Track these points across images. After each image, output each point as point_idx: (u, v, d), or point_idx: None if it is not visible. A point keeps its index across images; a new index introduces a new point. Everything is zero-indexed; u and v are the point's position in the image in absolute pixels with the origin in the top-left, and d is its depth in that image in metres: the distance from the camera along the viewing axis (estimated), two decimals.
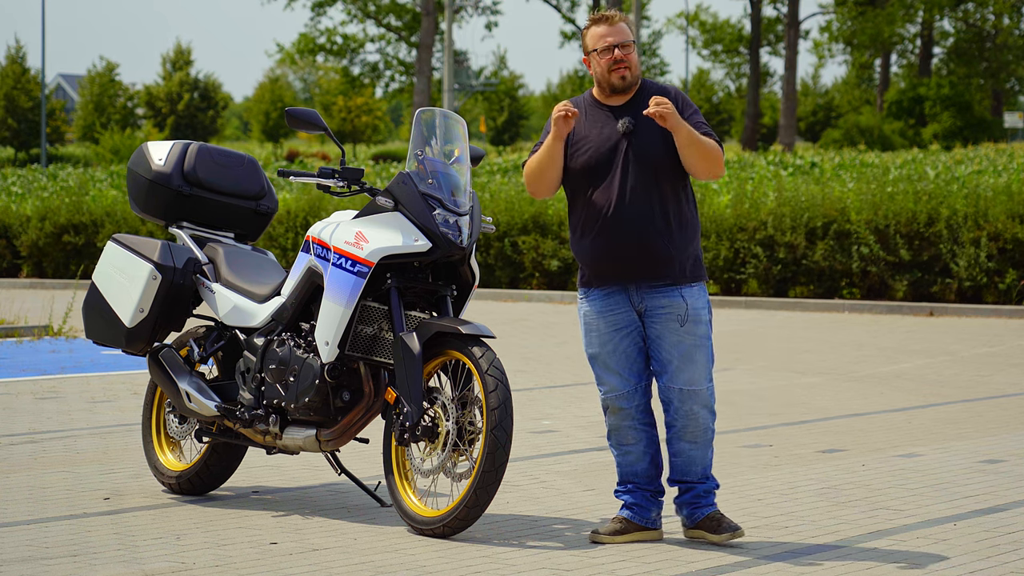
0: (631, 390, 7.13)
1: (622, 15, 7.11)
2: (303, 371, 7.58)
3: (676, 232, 7.00)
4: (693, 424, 7.08)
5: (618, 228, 6.98)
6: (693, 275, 7.05)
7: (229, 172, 8.52)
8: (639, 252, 6.97)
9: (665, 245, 6.97)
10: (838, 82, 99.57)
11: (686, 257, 7.03)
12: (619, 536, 7.12)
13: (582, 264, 7.13)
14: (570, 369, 14.06)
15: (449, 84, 56.43)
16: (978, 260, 19.08)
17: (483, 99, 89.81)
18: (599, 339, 7.12)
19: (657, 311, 7.03)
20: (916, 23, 75.93)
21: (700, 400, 7.06)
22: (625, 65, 7.02)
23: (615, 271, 7.03)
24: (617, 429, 7.18)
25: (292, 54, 73.17)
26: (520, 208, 22.18)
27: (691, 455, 7.12)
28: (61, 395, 12.16)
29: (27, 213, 25.39)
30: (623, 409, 7.14)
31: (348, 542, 7.13)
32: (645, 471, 7.19)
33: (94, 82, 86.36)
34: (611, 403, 7.15)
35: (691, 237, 7.06)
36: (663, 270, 6.99)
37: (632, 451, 7.18)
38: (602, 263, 7.04)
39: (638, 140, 7.00)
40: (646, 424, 7.18)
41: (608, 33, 7.04)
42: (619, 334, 7.09)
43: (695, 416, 7.07)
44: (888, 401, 11.96)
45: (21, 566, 6.67)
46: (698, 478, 7.13)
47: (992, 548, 7.01)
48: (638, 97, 7.08)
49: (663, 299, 7.02)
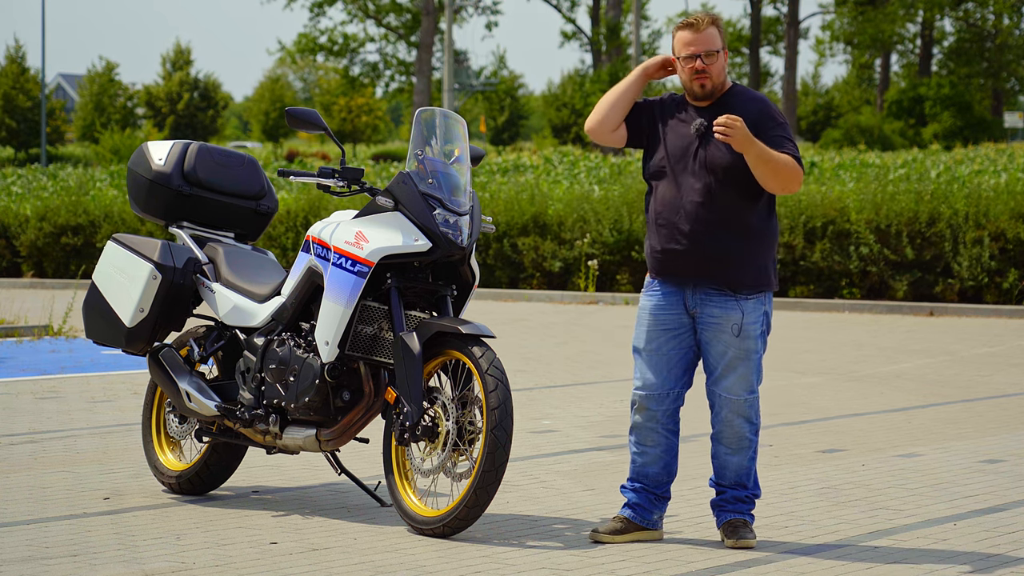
0: (663, 393, 7.11)
1: (711, 19, 7.04)
2: (303, 371, 7.58)
3: (736, 239, 6.96)
4: (729, 430, 7.08)
5: (678, 227, 6.97)
6: (753, 285, 7.00)
7: (229, 172, 8.52)
8: (694, 254, 6.96)
9: (722, 251, 6.95)
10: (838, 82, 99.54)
11: (746, 266, 6.98)
12: (619, 536, 7.12)
13: (649, 258, 7.13)
14: (570, 369, 14.06)
15: (449, 84, 56.43)
16: (980, 260, 19.08)
17: (483, 99, 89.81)
18: (646, 335, 7.11)
19: (709, 319, 7.02)
20: (916, 23, 75.93)
21: (737, 409, 7.05)
22: (706, 75, 7.01)
23: (669, 268, 7.03)
24: (640, 428, 7.16)
25: (293, 53, 73.17)
26: (520, 208, 22.18)
27: (726, 459, 7.12)
28: (61, 395, 12.16)
29: (27, 213, 25.38)
30: (650, 410, 7.12)
31: (348, 542, 7.13)
32: (656, 475, 7.18)
33: (94, 82, 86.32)
34: (640, 401, 7.13)
35: (756, 247, 6.99)
36: (717, 275, 6.97)
37: (649, 453, 7.16)
38: (659, 258, 7.04)
39: (709, 143, 6.99)
40: (669, 431, 7.16)
41: (692, 41, 7.01)
42: (666, 335, 7.08)
43: (731, 423, 7.07)
44: (888, 401, 11.96)
45: (21, 566, 6.67)
46: (730, 483, 7.12)
47: (992, 548, 7.01)
48: (723, 100, 7.05)
49: (716, 308, 7.00)
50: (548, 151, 53.14)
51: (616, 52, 66.86)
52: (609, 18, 67.79)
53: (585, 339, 16.72)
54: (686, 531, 7.39)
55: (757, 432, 7.11)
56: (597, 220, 21.48)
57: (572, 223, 21.68)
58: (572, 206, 22.05)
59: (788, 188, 6.97)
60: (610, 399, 12.04)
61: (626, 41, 66.22)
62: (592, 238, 21.41)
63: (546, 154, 48.48)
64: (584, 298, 21.31)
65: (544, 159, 43.47)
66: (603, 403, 11.81)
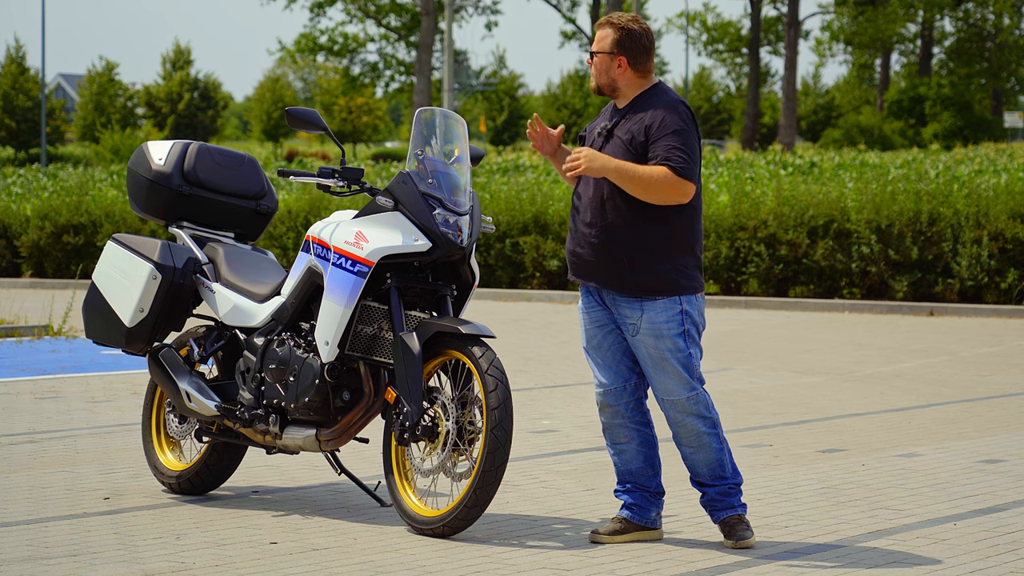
0: (619, 387, 7.15)
1: (608, 21, 7.16)
2: (303, 371, 7.58)
3: (637, 243, 6.98)
4: (683, 430, 7.09)
5: (581, 230, 7.09)
6: (655, 289, 7.00)
7: (229, 172, 8.51)
8: (592, 258, 7.06)
9: (621, 255, 6.99)
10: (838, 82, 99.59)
11: (644, 271, 6.99)
12: (619, 536, 7.13)
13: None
14: (570, 369, 14.06)
15: (449, 84, 56.44)
16: (980, 260, 19.07)
17: (483, 99, 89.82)
18: (585, 334, 7.22)
19: (621, 319, 7.10)
20: (916, 23, 75.96)
21: (681, 409, 7.05)
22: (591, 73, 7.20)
23: (577, 271, 7.16)
24: (609, 427, 7.20)
25: (293, 53, 73.19)
26: (520, 208, 22.18)
27: (692, 459, 7.13)
28: (61, 395, 12.16)
29: (27, 213, 25.38)
30: (612, 407, 7.16)
31: (348, 542, 7.13)
32: (640, 470, 7.19)
33: (94, 82, 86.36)
34: (601, 399, 7.20)
35: (659, 251, 6.99)
36: (618, 280, 7.02)
37: (626, 449, 7.19)
38: (570, 260, 7.18)
39: (606, 149, 7.07)
40: (638, 423, 7.18)
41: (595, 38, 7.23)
42: (601, 331, 7.15)
43: (681, 423, 7.08)
44: (888, 401, 11.96)
45: (21, 566, 6.67)
46: (707, 480, 7.13)
47: (992, 548, 7.01)
48: (636, 102, 7.11)
49: (625, 308, 7.06)
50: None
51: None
52: None
53: None
54: (686, 531, 7.39)
55: (715, 425, 7.09)
56: None
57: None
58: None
59: (665, 200, 6.93)
60: None
61: None
62: None
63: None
64: None
65: (544, 159, 43.48)
66: None
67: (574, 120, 77.25)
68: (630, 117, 7.07)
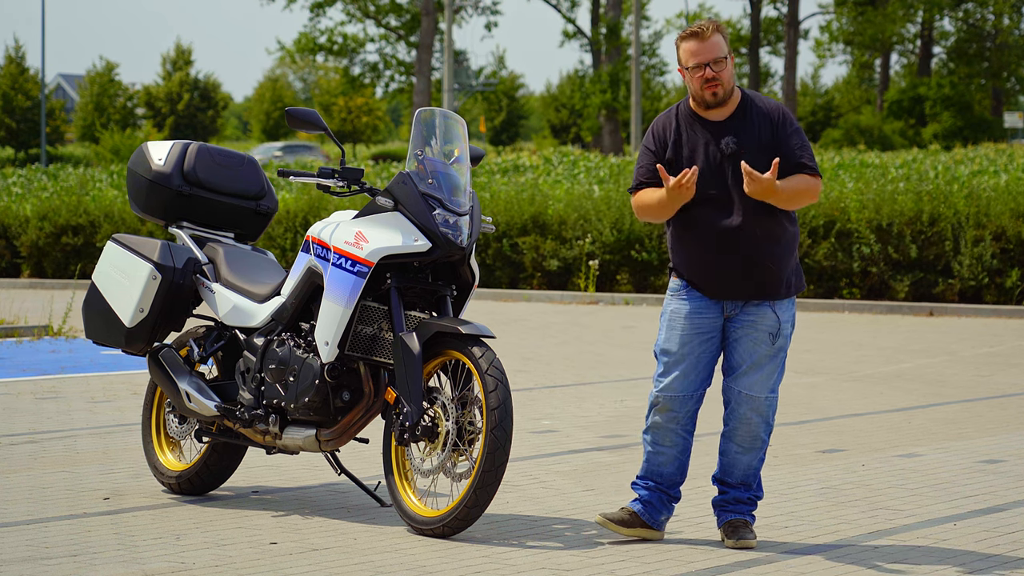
0: (688, 395, 7.10)
1: (715, 25, 7.01)
2: (303, 371, 7.58)
3: (778, 250, 7.00)
4: (744, 428, 7.08)
5: (722, 247, 6.97)
6: (790, 290, 7.08)
7: (229, 172, 8.51)
8: (744, 273, 6.98)
9: (769, 266, 6.98)
10: (838, 82, 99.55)
11: (787, 274, 7.04)
12: (623, 527, 7.11)
13: (685, 273, 7.09)
14: (570, 369, 14.06)
15: (449, 84, 56.43)
16: (981, 260, 19.07)
17: (483, 99, 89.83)
18: (680, 339, 7.08)
19: (743, 320, 7.04)
20: (916, 23, 75.93)
21: (756, 407, 7.06)
22: (717, 83, 6.98)
23: (718, 288, 7.02)
24: (659, 428, 7.14)
25: (292, 53, 73.16)
26: (520, 208, 22.18)
27: (736, 458, 7.12)
28: (61, 395, 12.16)
29: (27, 213, 25.38)
30: (673, 411, 7.11)
31: (348, 542, 7.13)
32: (671, 475, 7.18)
33: (94, 82, 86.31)
34: (664, 402, 7.11)
35: (791, 252, 7.07)
36: (766, 290, 7.01)
37: (666, 453, 7.16)
38: (705, 278, 7.03)
39: (739, 161, 6.96)
40: (687, 431, 7.16)
41: (699, 50, 6.97)
42: (700, 338, 7.08)
43: (748, 421, 7.07)
44: (888, 401, 11.96)
45: (21, 566, 6.67)
46: (735, 483, 7.13)
47: (992, 548, 7.02)
48: (739, 113, 7.03)
49: (753, 310, 7.03)
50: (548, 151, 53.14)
51: (616, 52, 66.86)
52: (609, 18, 67.80)
53: (585, 339, 16.72)
54: (686, 531, 7.39)
55: (770, 433, 7.13)
56: (598, 219, 21.48)
57: (572, 223, 21.68)
58: (572, 205, 22.05)
59: (810, 203, 7.13)
60: (610, 399, 12.04)
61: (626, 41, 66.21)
62: (592, 237, 21.41)
63: (546, 154, 48.46)
64: (584, 298, 21.31)
65: (544, 159, 43.47)
66: (603, 403, 11.81)
67: (573, 120, 77.17)
68: (746, 124, 6.98)
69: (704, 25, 7.01)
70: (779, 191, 6.86)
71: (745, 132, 6.99)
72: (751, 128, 6.99)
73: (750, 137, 6.98)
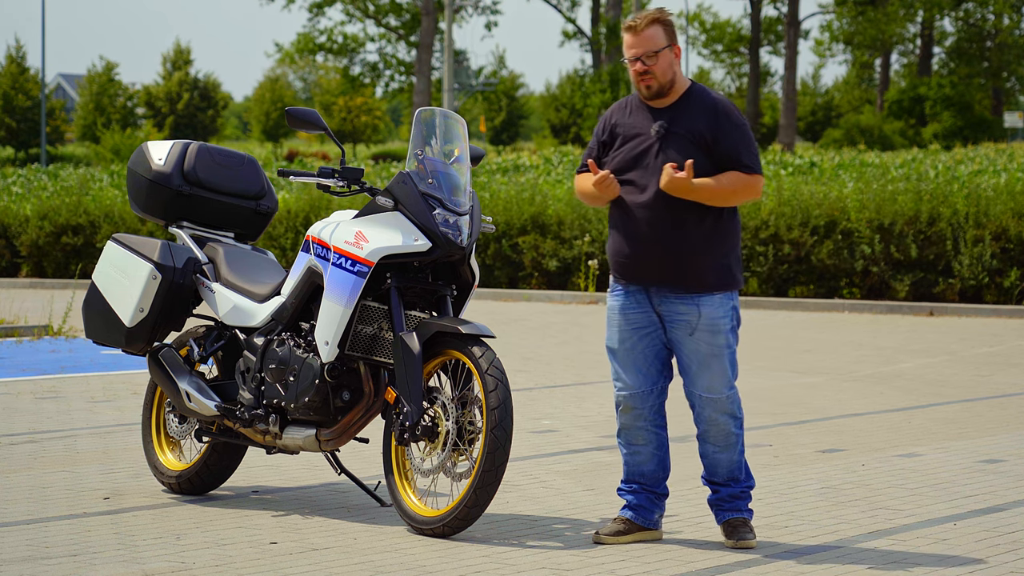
0: (646, 391, 7.12)
1: (652, 17, 7.01)
2: (303, 371, 7.58)
3: (700, 240, 6.97)
4: (715, 429, 7.08)
5: (640, 230, 6.99)
6: (716, 285, 7.01)
7: (229, 172, 8.51)
8: (658, 257, 6.98)
9: (685, 253, 6.95)
10: (838, 82, 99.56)
11: (708, 267, 6.99)
12: (622, 537, 7.12)
13: (610, 259, 7.16)
14: (570, 369, 14.06)
15: (449, 84, 56.44)
16: (981, 259, 19.07)
17: (483, 99, 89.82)
18: (618, 335, 7.13)
19: (674, 316, 7.03)
20: (916, 23, 75.94)
21: (719, 407, 7.05)
22: (651, 75, 7.00)
23: (633, 272, 7.05)
24: (628, 428, 7.17)
25: (291, 54, 73.16)
26: (520, 208, 22.18)
27: (716, 458, 7.12)
28: (61, 395, 12.16)
29: (27, 213, 25.38)
30: (635, 409, 7.13)
31: (348, 542, 7.13)
32: (652, 472, 7.18)
33: (94, 82, 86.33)
34: (624, 401, 7.14)
35: (718, 247, 7.01)
36: (680, 278, 6.98)
37: (641, 451, 7.17)
38: (623, 262, 7.07)
39: (669, 145, 6.99)
40: (657, 426, 7.17)
41: (632, 43, 7.01)
42: (637, 333, 7.09)
43: (716, 422, 7.07)
44: (888, 401, 11.96)
45: (21, 566, 6.67)
46: (723, 480, 7.13)
47: (992, 548, 7.01)
48: (681, 102, 7.05)
49: (680, 306, 7.02)
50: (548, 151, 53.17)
51: (616, 52, 66.86)
52: (609, 18, 67.81)
53: (585, 339, 16.72)
54: (686, 531, 7.39)
55: (742, 426, 7.13)
56: (597, 219, 21.48)
57: (572, 222, 21.68)
58: (572, 205, 22.05)
59: (745, 201, 7.06)
60: (610, 399, 12.03)
61: None
62: (592, 237, 21.40)
63: (546, 154, 48.50)
64: (584, 298, 21.31)
65: (544, 159, 43.50)
66: (603, 403, 11.81)
67: (573, 120, 77.15)
68: (684, 112, 7.00)
69: (639, 18, 7.04)
70: (696, 189, 6.88)
71: (680, 120, 7.00)
72: (687, 117, 7.01)
73: (683, 125, 6.99)
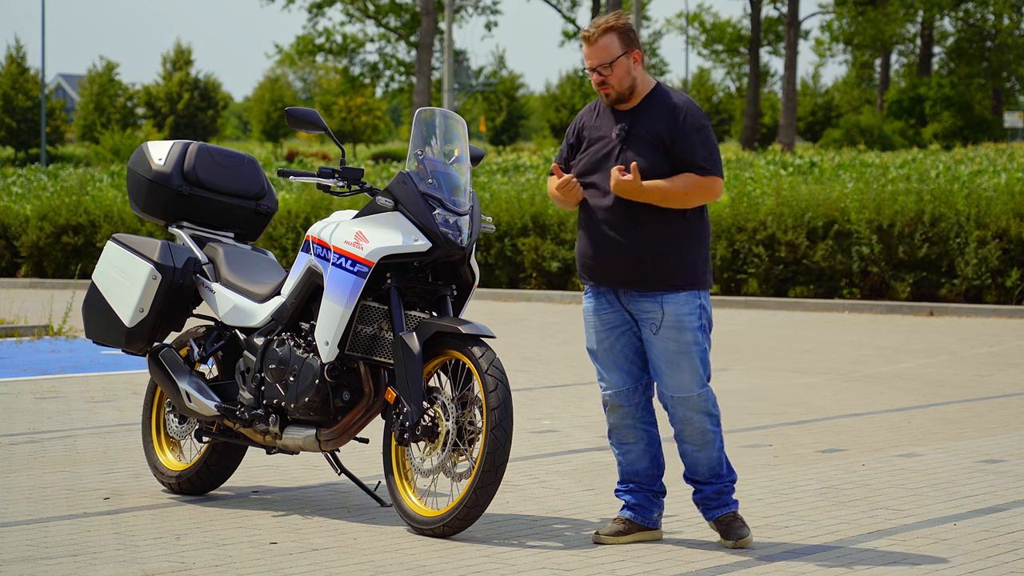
0: (630, 388, 7.14)
1: (606, 26, 7.02)
2: (303, 371, 7.58)
3: (662, 241, 6.97)
4: (690, 428, 7.08)
5: (603, 232, 7.03)
6: (680, 284, 7.01)
7: (229, 172, 8.51)
8: (620, 257, 7.01)
9: (646, 252, 6.97)
10: (838, 82, 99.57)
11: (671, 267, 6.99)
12: (622, 537, 7.12)
13: (577, 260, 7.20)
14: (570, 369, 14.06)
15: (449, 84, 56.44)
16: (986, 261, 19.06)
17: (483, 99, 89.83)
18: (595, 336, 7.17)
19: (642, 315, 7.06)
20: (916, 23, 75.94)
21: (691, 406, 7.05)
22: (607, 85, 7.05)
23: (599, 273, 7.09)
24: (617, 428, 7.19)
25: (291, 55, 73.16)
26: (520, 208, 22.18)
27: (694, 456, 7.13)
28: (61, 395, 12.16)
29: (27, 213, 25.38)
30: (622, 407, 7.15)
31: (348, 542, 7.13)
32: (646, 470, 7.19)
33: (94, 82, 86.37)
34: (610, 400, 7.17)
35: (683, 247, 7.01)
36: (642, 278, 7.00)
37: (632, 450, 7.19)
38: (589, 263, 7.12)
39: (629, 147, 7.02)
40: (646, 423, 7.18)
41: (588, 54, 7.08)
42: (613, 332, 7.12)
43: (690, 421, 7.07)
44: (888, 401, 11.96)
45: (21, 566, 6.67)
46: (704, 478, 7.13)
47: (992, 548, 7.01)
48: (643, 104, 7.07)
49: (646, 304, 7.04)
50: (548, 151, 53.18)
51: None
52: None
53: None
54: (686, 531, 7.39)
55: (719, 423, 7.12)
56: None
57: (572, 223, 21.68)
58: None
59: (702, 202, 7.04)
60: None
61: None
62: None
63: (546, 154, 48.50)
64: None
65: (544, 159, 43.49)
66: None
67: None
68: (645, 115, 7.03)
69: (593, 28, 7.07)
70: (646, 191, 6.91)
71: (641, 122, 7.03)
72: (648, 119, 7.03)
73: (644, 127, 7.01)
